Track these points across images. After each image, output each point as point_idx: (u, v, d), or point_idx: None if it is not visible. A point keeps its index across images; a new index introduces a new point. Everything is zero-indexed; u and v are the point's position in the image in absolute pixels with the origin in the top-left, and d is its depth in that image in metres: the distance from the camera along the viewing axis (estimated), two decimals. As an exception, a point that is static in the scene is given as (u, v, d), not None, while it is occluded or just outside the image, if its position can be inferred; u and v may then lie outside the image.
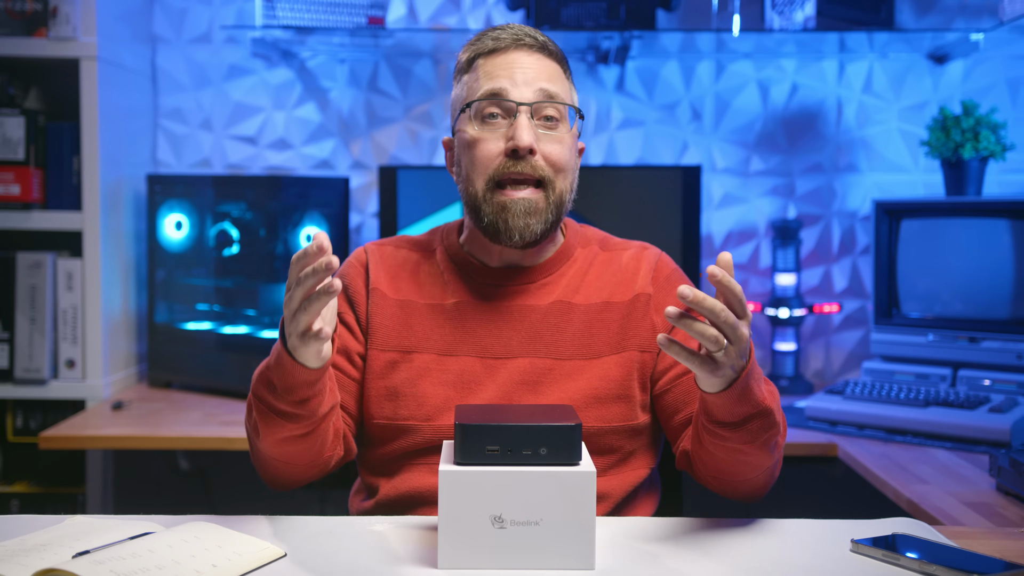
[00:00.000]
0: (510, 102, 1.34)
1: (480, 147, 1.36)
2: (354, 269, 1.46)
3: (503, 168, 1.34)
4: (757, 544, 1.20)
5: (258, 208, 2.44)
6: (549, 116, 1.36)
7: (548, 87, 1.36)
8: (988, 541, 1.25)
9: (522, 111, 1.34)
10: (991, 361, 2.22)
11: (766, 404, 1.18)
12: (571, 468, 1.09)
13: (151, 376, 2.56)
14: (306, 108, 2.73)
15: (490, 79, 1.36)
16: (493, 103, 1.36)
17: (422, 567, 1.11)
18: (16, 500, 2.43)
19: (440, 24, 2.67)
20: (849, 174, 2.70)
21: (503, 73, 1.36)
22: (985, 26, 2.49)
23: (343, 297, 1.44)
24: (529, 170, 1.33)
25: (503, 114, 1.36)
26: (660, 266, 1.46)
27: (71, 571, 1.01)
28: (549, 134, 1.35)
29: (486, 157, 1.35)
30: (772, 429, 1.21)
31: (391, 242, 1.51)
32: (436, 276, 1.44)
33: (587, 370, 1.38)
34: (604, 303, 1.41)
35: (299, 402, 1.20)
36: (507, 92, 1.35)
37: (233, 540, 1.14)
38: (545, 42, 1.39)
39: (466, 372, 1.37)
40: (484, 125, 1.36)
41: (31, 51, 2.31)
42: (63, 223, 2.36)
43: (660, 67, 2.69)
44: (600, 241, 1.50)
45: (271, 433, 1.24)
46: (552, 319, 1.40)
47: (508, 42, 1.37)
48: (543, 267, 1.43)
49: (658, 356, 1.41)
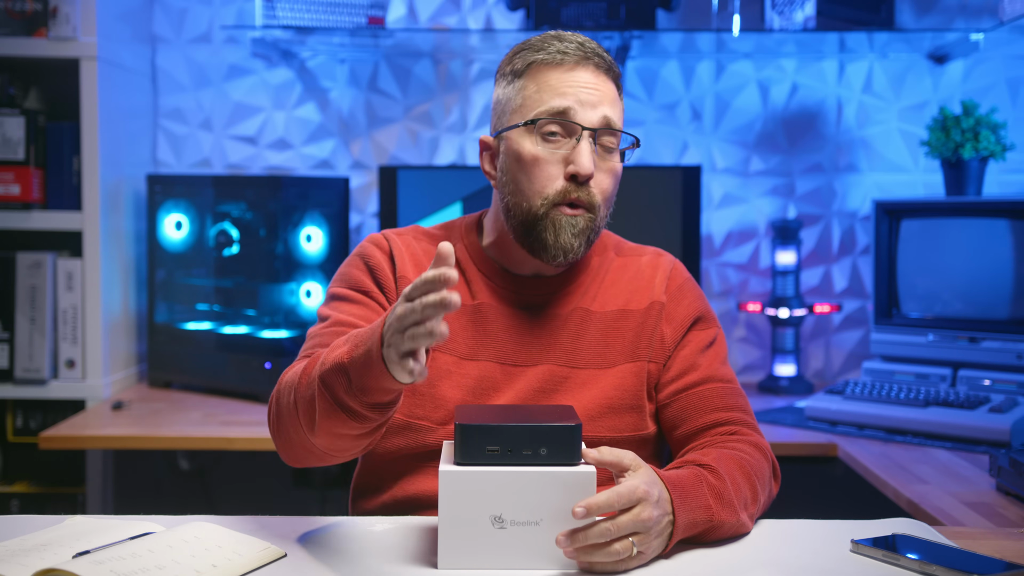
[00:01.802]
0: (575, 124, 1.32)
1: (540, 167, 1.33)
2: (377, 254, 1.42)
3: (565, 192, 1.32)
4: (757, 544, 1.20)
5: (258, 208, 2.44)
6: (607, 146, 1.34)
7: (610, 114, 1.33)
8: (988, 541, 1.25)
9: (585, 136, 1.31)
10: (991, 361, 2.22)
11: (716, 519, 1.18)
12: (571, 468, 1.09)
13: (151, 376, 2.56)
14: (306, 108, 2.73)
15: (555, 95, 1.32)
16: (557, 122, 1.33)
17: (422, 567, 1.11)
18: (16, 500, 2.43)
19: (440, 24, 2.67)
20: (849, 174, 2.70)
21: (569, 91, 1.32)
22: (985, 26, 2.49)
23: (368, 277, 1.40)
24: (587, 197, 1.32)
25: (563, 134, 1.33)
26: (674, 275, 1.45)
27: (71, 571, 1.01)
28: (604, 164, 1.34)
29: (546, 178, 1.33)
30: (731, 528, 1.21)
31: (408, 232, 1.47)
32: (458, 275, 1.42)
33: (601, 379, 1.37)
34: (620, 311, 1.41)
35: (373, 405, 1.13)
36: (574, 113, 1.32)
37: (233, 540, 1.14)
38: (612, 63, 1.36)
39: (485, 378, 1.36)
40: (545, 143, 1.33)
41: (31, 51, 2.31)
42: (63, 223, 2.36)
43: (660, 67, 2.69)
44: (615, 246, 1.48)
45: (330, 427, 1.16)
46: (571, 327, 1.39)
47: (575, 56, 1.34)
48: (564, 276, 1.42)
49: (663, 367, 1.40)
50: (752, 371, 2.74)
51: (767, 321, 2.65)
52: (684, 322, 1.42)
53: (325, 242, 2.48)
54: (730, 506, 1.20)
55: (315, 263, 2.48)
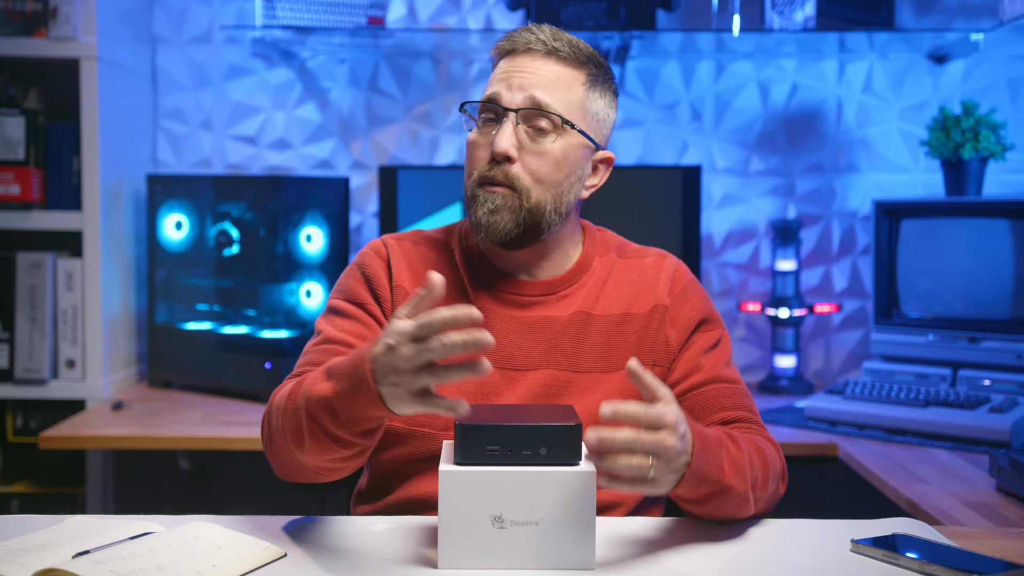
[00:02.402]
0: (496, 106, 1.34)
1: (473, 151, 1.38)
2: (375, 261, 1.43)
3: (484, 171, 1.35)
4: (757, 544, 1.20)
5: (258, 208, 2.44)
6: (540, 127, 1.34)
7: (541, 96, 1.33)
8: (988, 541, 1.25)
9: (508, 117, 1.33)
10: (991, 361, 2.22)
11: (726, 482, 1.18)
12: (571, 468, 1.09)
13: (151, 376, 2.56)
14: (306, 108, 2.73)
15: (494, 82, 1.37)
16: (488, 106, 1.36)
17: (422, 567, 1.11)
18: (16, 500, 2.43)
19: (440, 24, 2.67)
20: (849, 174, 2.70)
21: (504, 77, 1.36)
22: (985, 26, 2.49)
23: (364, 287, 1.41)
24: (502, 177, 1.33)
25: (496, 118, 1.36)
26: (677, 277, 1.44)
27: (71, 571, 1.01)
28: (534, 144, 1.34)
29: (476, 159, 1.37)
30: (736, 500, 1.21)
31: (408, 236, 1.48)
32: (456, 279, 1.42)
33: (605, 383, 1.37)
34: (623, 314, 1.40)
35: (362, 433, 1.14)
36: (499, 97, 1.34)
37: (233, 540, 1.14)
38: (556, 48, 1.35)
39: (486, 383, 1.36)
40: (482, 127, 1.37)
41: (31, 51, 2.31)
42: (63, 223, 2.36)
43: (660, 67, 2.69)
44: (618, 248, 1.48)
45: (320, 453, 1.18)
46: (573, 330, 1.39)
47: (520, 45, 1.36)
48: (564, 279, 1.42)
49: (667, 371, 1.40)
50: (752, 371, 2.74)
51: (767, 321, 2.65)
52: (688, 325, 1.41)
53: (325, 242, 2.48)
54: (742, 476, 1.20)
55: (315, 263, 2.48)
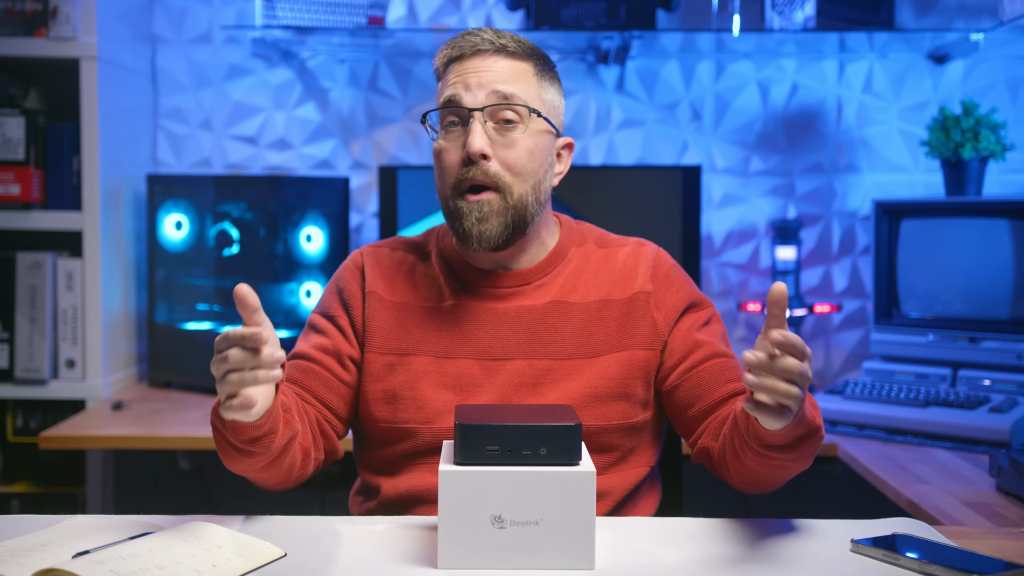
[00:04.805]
0: (463, 108, 1.34)
1: (443, 158, 1.36)
2: (349, 272, 1.46)
3: (460, 175, 1.34)
4: (757, 544, 1.20)
5: (258, 208, 2.44)
6: (507, 119, 1.34)
7: (503, 88, 1.33)
8: (988, 541, 1.25)
9: (475, 117, 1.33)
10: (991, 361, 2.22)
11: (816, 423, 1.17)
12: (571, 468, 1.09)
13: (151, 376, 2.56)
14: (306, 108, 2.73)
15: (448, 87, 1.36)
16: (450, 111, 1.35)
17: (422, 567, 1.11)
18: (16, 500, 2.43)
19: (440, 24, 2.67)
20: (849, 174, 2.70)
21: (458, 79, 1.35)
22: (985, 26, 2.49)
23: (337, 300, 1.45)
24: (481, 176, 1.33)
25: (460, 122, 1.35)
26: (658, 262, 1.45)
27: (71, 571, 1.01)
28: (504, 138, 1.34)
29: (448, 166, 1.36)
30: (819, 443, 1.20)
31: (387, 244, 1.51)
32: (432, 278, 1.44)
33: (586, 369, 1.38)
34: (602, 301, 1.41)
35: (248, 441, 1.19)
36: (460, 99, 1.34)
37: (233, 540, 1.14)
38: (504, 44, 1.36)
39: (464, 375, 1.37)
40: (446, 134, 1.36)
41: (31, 51, 2.31)
42: (63, 223, 2.36)
43: (660, 67, 2.69)
44: (597, 238, 1.49)
45: (233, 462, 1.24)
46: (549, 319, 1.40)
47: (468, 48, 1.36)
48: (538, 268, 1.43)
49: (663, 352, 1.41)
50: (752, 371, 2.73)
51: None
52: (676, 307, 1.42)
53: (325, 242, 2.48)
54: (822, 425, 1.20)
55: (315, 263, 2.48)
